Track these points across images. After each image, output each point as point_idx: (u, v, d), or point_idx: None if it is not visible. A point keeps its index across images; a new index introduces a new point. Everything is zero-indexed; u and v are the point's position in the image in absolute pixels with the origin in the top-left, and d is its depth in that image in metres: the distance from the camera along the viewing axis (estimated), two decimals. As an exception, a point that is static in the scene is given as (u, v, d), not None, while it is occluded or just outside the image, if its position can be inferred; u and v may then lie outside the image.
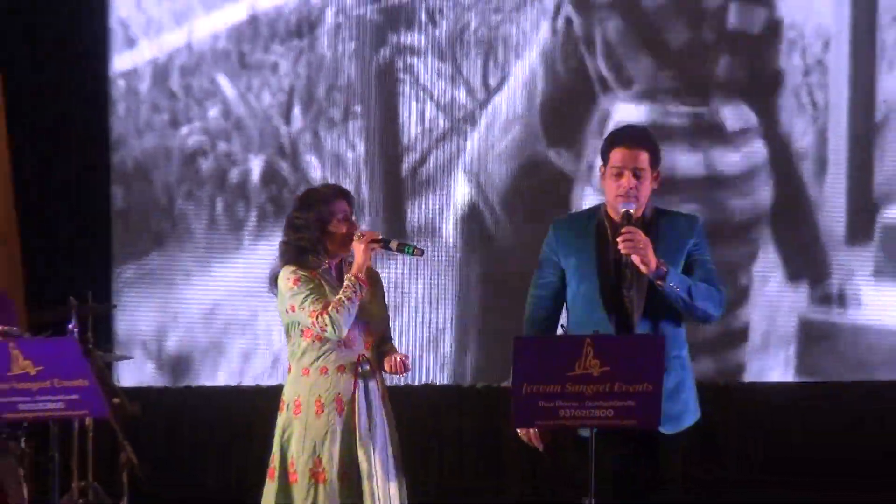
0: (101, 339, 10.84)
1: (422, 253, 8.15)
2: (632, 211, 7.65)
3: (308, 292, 7.65)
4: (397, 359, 7.74)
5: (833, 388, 12.07)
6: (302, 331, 7.74)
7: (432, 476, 10.68)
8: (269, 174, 11.98)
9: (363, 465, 7.70)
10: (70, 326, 9.74)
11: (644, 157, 7.67)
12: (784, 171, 12.16)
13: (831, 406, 11.93)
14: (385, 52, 11.82)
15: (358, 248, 7.70)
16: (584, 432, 7.41)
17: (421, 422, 10.63)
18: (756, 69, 12.16)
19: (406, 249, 7.94)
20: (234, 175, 11.98)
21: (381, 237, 7.94)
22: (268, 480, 7.78)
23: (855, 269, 12.10)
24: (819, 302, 12.24)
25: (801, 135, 12.06)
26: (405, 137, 11.69)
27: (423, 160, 11.81)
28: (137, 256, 11.98)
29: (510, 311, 9.31)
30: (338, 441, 7.70)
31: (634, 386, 7.06)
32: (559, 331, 7.95)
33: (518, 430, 7.78)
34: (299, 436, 7.71)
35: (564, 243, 7.83)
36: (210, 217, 12.10)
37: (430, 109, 11.90)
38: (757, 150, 12.20)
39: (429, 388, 11.63)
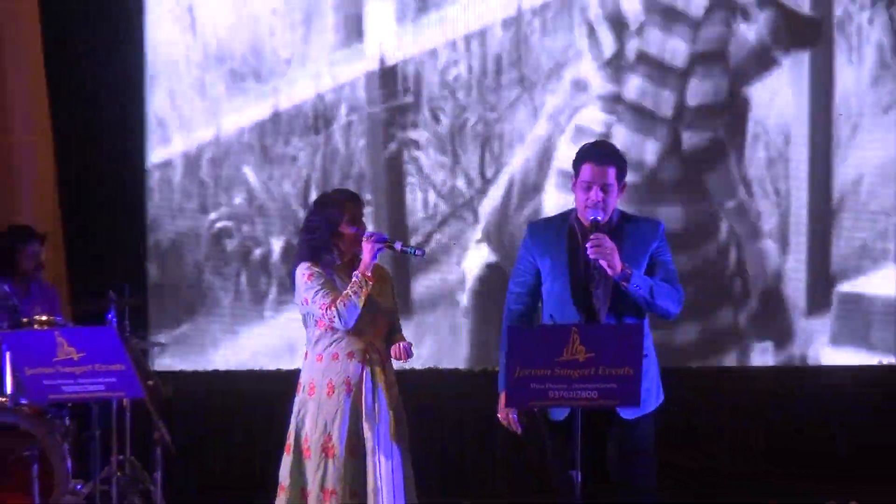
0: (136, 327, 10.86)
1: (423, 254, 8.38)
2: (599, 219, 7.74)
3: (319, 287, 7.76)
4: (402, 346, 7.86)
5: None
6: (316, 321, 7.84)
7: (435, 451, 10.69)
8: (288, 252, 11.58)
9: (368, 443, 7.77)
10: (109, 317, 9.81)
11: (611, 173, 7.77)
12: (752, 250, 12.12)
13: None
14: (393, 146, 11.87)
15: (365, 247, 7.75)
16: (556, 415, 7.73)
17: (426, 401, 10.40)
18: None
19: (409, 251, 8.07)
20: (256, 254, 11.98)
21: (386, 238, 7.99)
22: (285, 454, 7.85)
23: (815, 335, 11.98)
24: (783, 364, 12.10)
25: (768, 217, 12.02)
26: (410, 221, 11.71)
27: (426, 241, 11.80)
28: (170, 325, 11.88)
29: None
30: (346, 420, 7.77)
31: (616, 370, 7.18)
32: (548, 321, 8.02)
33: (498, 416, 7.87)
34: (312, 415, 7.81)
35: (539, 245, 7.94)
36: (235, 290, 12.06)
37: (432, 197, 11.91)
38: (726, 231, 12.19)
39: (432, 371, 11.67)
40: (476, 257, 12.27)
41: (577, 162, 7.81)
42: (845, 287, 12.01)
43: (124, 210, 12.00)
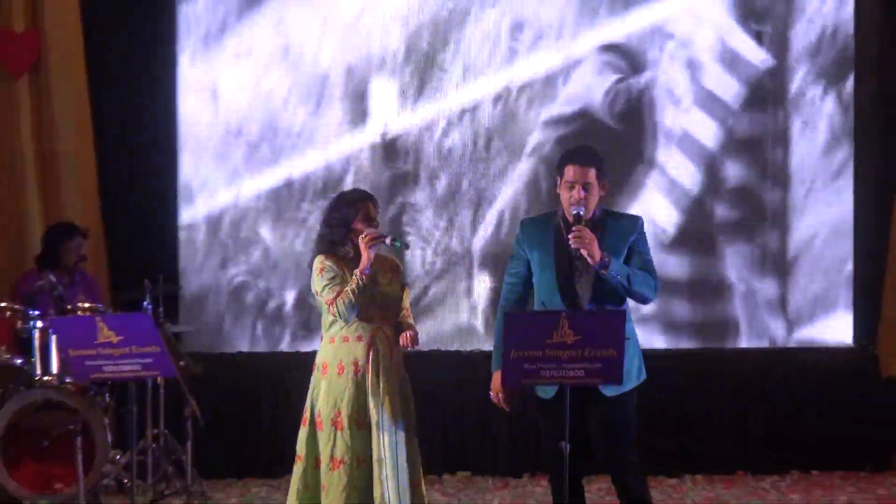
0: (169, 312, 10.90)
1: (407, 247, 8.77)
2: (581, 213, 7.80)
3: (327, 282, 7.85)
4: (408, 334, 7.89)
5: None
6: (325, 304, 7.89)
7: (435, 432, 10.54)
8: (300, 303, 11.83)
9: (373, 417, 7.80)
10: (145, 304, 9.93)
11: (592, 173, 7.85)
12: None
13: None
14: (393, 209, 11.85)
15: (362, 245, 7.82)
16: (542, 394, 7.82)
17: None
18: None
19: (396, 244, 8.13)
20: (271, 305, 11.96)
21: (378, 234, 7.97)
22: (301, 427, 7.93)
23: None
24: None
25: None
26: (409, 276, 11.39)
27: (424, 293, 11.87)
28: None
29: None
30: (353, 396, 7.83)
31: (601, 351, 7.32)
32: (540, 308, 8.16)
33: (490, 394, 7.96)
34: (325, 392, 7.87)
35: (529, 239, 8.04)
36: (251, 338, 12.05)
37: (429, 254, 11.98)
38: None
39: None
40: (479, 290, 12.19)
41: (561, 164, 7.94)
42: (802, 333, 11.91)
43: (158, 211, 11.90)
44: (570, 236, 7.70)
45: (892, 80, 11.97)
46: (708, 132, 12.11)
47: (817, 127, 11.97)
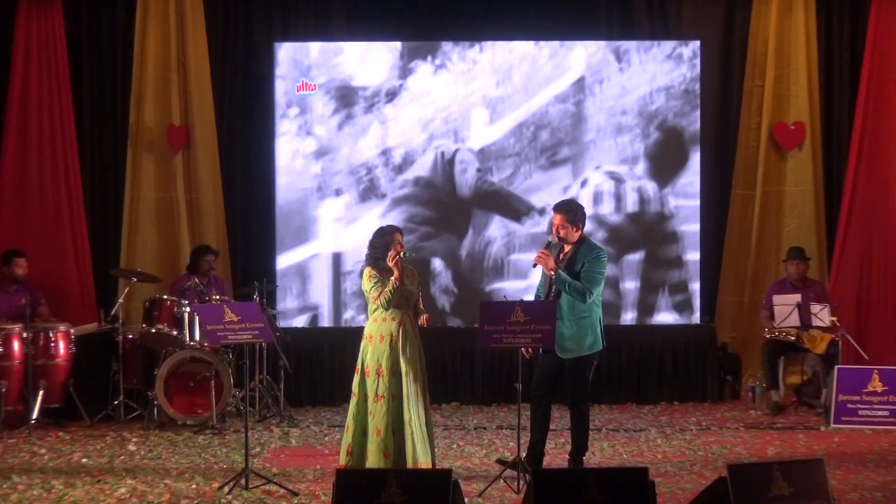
0: (269, 302, 10.60)
1: (413, 256, 8.22)
2: (551, 241, 8.04)
3: (374, 284, 7.84)
4: (424, 317, 7.97)
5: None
6: (373, 298, 7.86)
7: (437, 377, 10.35)
8: (353, 295, 11.23)
9: (402, 368, 7.78)
10: (254, 297, 9.93)
11: (560, 218, 8.00)
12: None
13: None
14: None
15: (391, 264, 7.77)
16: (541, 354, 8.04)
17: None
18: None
19: (405, 255, 7.94)
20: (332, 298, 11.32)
21: (396, 254, 7.86)
22: (355, 374, 7.91)
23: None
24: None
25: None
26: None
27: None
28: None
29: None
30: (389, 355, 7.80)
31: (540, 326, 7.63)
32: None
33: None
34: (370, 353, 7.85)
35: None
36: (321, 317, 11.36)
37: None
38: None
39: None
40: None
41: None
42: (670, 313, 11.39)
43: (262, 237, 11.45)
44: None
45: (722, 118, 11.53)
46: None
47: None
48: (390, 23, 11.41)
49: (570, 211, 8.08)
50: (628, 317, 11.35)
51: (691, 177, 11.33)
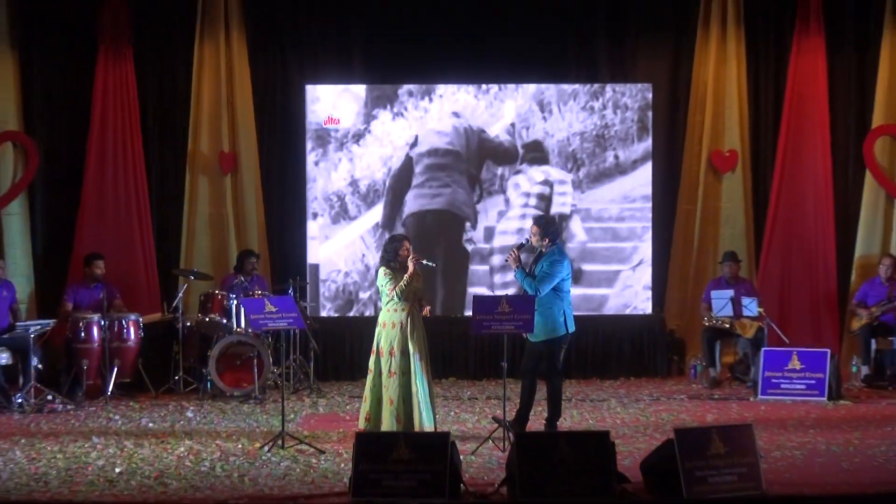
0: (301, 296, 10.52)
1: (434, 264, 8.19)
2: (524, 243, 8.12)
3: (387, 281, 7.84)
4: (427, 309, 7.96)
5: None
6: (386, 292, 7.88)
7: (438, 357, 10.10)
8: (369, 291, 11.01)
9: (410, 350, 7.78)
10: (289, 291, 9.80)
11: (535, 229, 8.08)
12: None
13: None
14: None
15: (411, 262, 7.82)
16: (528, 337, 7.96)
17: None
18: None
19: (427, 262, 7.99)
20: (354, 293, 11.07)
21: (418, 258, 7.91)
22: (371, 354, 7.93)
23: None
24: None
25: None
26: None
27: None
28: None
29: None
30: (400, 339, 7.80)
31: (522, 315, 7.65)
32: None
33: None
34: (384, 338, 7.84)
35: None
36: (342, 309, 11.09)
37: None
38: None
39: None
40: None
41: None
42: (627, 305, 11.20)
43: (296, 244, 11.30)
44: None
45: (670, 146, 11.38)
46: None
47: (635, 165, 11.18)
48: (396, 68, 11.31)
49: (542, 225, 8.16)
50: (594, 307, 11.24)
51: (646, 192, 11.24)
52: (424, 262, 8.03)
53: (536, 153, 11.28)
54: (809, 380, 9.68)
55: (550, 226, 8.24)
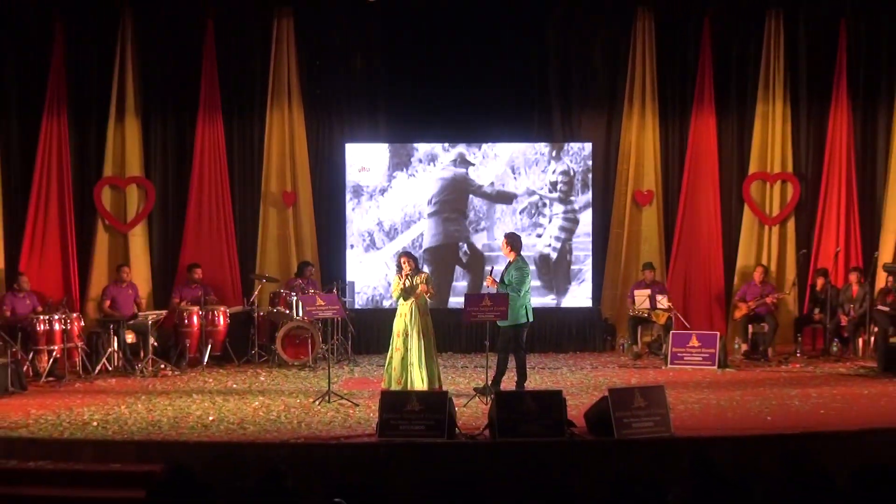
0: (342, 293, 10.11)
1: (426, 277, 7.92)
2: (489, 270, 8.08)
3: (395, 287, 7.86)
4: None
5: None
6: (395, 294, 7.88)
7: (441, 337, 9.26)
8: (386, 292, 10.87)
9: (413, 333, 7.76)
10: (333, 290, 9.43)
11: (504, 243, 8.03)
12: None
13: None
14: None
15: (423, 280, 7.79)
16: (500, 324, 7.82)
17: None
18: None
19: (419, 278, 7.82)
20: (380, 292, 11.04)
21: (408, 273, 7.80)
22: (392, 337, 7.92)
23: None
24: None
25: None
26: None
27: None
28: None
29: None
30: (405, 326, 7.78)
31: (498, 308, 7.63)
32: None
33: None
34: (397, 323, 7.83)
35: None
36: (370, 302, 10.97)
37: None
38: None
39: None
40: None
41: None
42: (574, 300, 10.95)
43: (339, 256, 10.92)
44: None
45: (605, 187, 11.12)
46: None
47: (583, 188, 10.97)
48: (410, 131, 11.11)
49: (510, 240, 8.07)
50: (551, 300, 11.09)
51: (587, 230, 11.11)
52: (414, 277, 7.88)
53: (507, 200, 11.11)
54: (704, 354, 9.67)
55: (516, 241, 8.14)
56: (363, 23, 10.95)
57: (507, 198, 11.10)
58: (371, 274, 11.04)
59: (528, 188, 11.03)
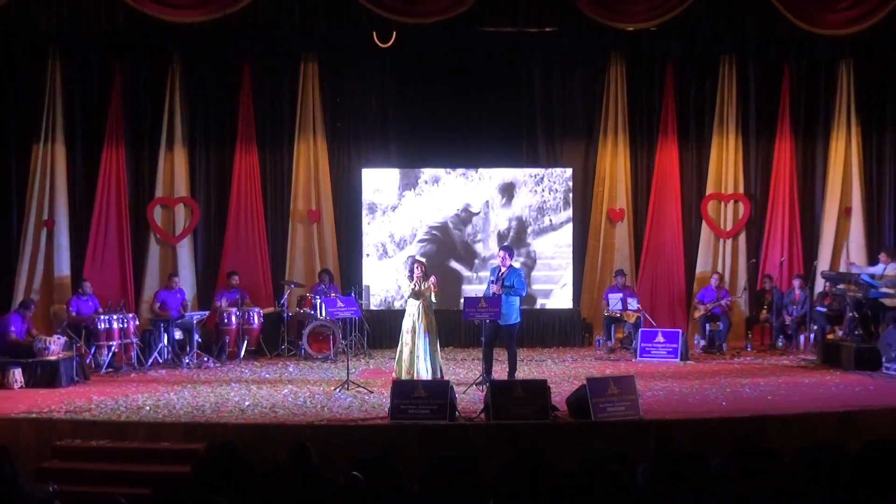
0: (358, 297, 10.18)
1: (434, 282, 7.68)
2: (502, 268, 7.74)
3: (408, 288, 7.67)
4: (431, 281, 7.62)
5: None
6: (405, 295, 7.70)
7: (444, 333, 9.16)
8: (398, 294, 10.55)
9: (419, 329, 7.58)
10: (352, 294, 9.20)
11: (502, 253, 7.88)
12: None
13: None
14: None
15: (430, 285, 7.62)
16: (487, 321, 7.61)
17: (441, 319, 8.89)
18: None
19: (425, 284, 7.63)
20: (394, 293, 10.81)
21: (419, 277, 7.62)
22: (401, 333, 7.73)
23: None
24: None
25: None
26: None
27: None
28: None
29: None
30: (414, 323, 7.59)
31: (493, 308, 7.52)
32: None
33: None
34: (405, 321, 7.65)
35: (492, 272, 7.91)
36: (383, 304, 11.00)
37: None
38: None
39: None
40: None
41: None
42: (556, 301, 10.86)
43: (356, 263, 10.80)
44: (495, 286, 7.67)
45: (583, 206, 10.99)
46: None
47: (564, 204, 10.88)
48: (416, 157, 11.08)
49: (507, 250, 8.00)
50: (538, 302, 11.01)
51: (568, 233, 11.05)
52: (424, 283, 7.65)
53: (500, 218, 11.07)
54: (668, 348, 9.64)
55: (511, 251, 8.12)
56: (377, 67, 10.96)
57: (500, 216, 11.09)
58: (384, 279, 10.90)
59: (517, 206, 11.05)
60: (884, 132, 10.60)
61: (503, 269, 7.94)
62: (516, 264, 8.32)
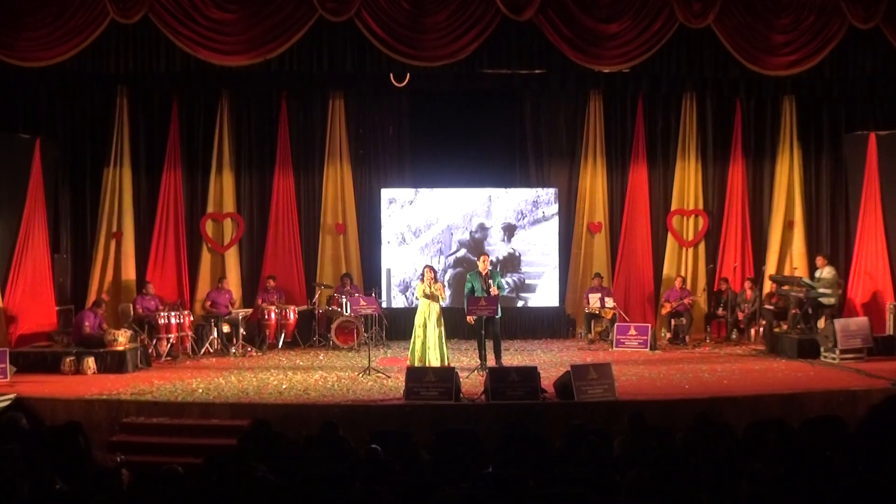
0: (378, 295, 9.85)
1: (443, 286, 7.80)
2: (488, 272, 7.77)
3: (419, 289, 7.66)
4: (439, 285, 7.65)
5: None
6: (417, 295, 7.71)
7: (450, 327, 8.92)
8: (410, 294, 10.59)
9: (430, 324, 7.59)
10: (373, 294, 9.15)
11: (485, 258, 7.91)
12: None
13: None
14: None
15: (439, 287, 7.65)
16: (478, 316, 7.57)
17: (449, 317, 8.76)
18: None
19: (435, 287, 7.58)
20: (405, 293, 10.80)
21: (430, 282, 7.54)
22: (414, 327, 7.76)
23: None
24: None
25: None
26: None
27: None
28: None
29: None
30: (426, 319, 7.61)
31: (491, 306, 7.54)
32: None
33: (467, 318, 7.75)
34: (418, 316, 7.66)
35: (472, 277, 7.85)
36: (401, 303, 10.94)
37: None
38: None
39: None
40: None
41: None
42: (543, 299, 10.57)
43: (375, 266, 10.58)
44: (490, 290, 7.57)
45: (566, 221, 10.64)
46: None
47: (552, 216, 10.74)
48: (426, 177, 11.00)
49: (491, 257, 8.14)
50: (529, 299, 10.89)
51: (554, 242, 10.98)
52: (435, 286, 7.63)
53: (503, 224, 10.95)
54: (640, 340, 9.60)
55: (488, 256, 8.16)
56: (394, 103, 10.93)
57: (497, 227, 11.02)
58: (402, 264, 10.61)
59: (509, 220, 10.99)
60: (821, 156, 10.63)
61: (486, 271, 7.86)
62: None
